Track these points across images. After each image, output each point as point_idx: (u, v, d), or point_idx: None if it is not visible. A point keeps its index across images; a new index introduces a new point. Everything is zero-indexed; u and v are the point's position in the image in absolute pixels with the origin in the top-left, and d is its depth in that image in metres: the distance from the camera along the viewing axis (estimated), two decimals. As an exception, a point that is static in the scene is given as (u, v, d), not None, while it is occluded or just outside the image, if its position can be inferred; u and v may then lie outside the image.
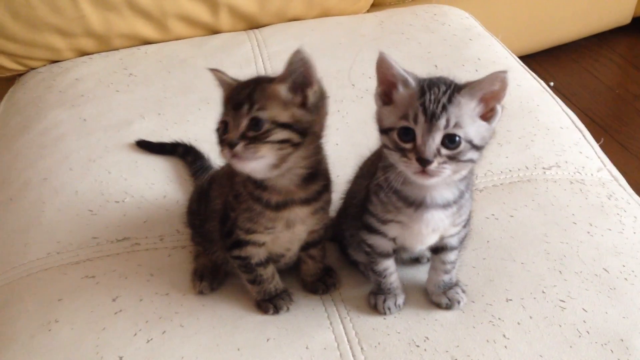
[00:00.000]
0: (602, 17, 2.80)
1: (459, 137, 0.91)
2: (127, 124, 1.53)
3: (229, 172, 1.08)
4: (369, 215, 1.06)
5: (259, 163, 0.97)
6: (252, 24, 1.95)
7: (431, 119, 0.91)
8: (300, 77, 0.98)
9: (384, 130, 0.96)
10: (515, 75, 1.75)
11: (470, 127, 0.92)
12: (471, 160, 0.94)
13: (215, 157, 1.29)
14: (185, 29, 1.87)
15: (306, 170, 1.03)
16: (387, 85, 0.96)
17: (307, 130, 0.99)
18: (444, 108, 0.91)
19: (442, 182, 0.96)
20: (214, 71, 1.05)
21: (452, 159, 0.92)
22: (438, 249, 1.10)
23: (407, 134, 0.92)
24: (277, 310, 1.12)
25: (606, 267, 1.18)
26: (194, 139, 1.47)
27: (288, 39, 1.86)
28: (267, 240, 1.08)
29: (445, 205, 1.00)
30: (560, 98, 1.72)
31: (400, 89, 0.95)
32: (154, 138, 1.48)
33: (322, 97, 1.01)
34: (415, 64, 1.80)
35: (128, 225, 1.29)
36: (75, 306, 1.13)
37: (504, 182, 1.39)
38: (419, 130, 0.91)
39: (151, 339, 1.07)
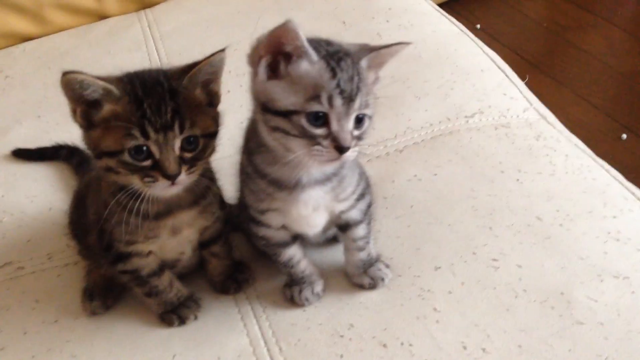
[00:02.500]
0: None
1: (367, 115, 0.82)
2: (2, 132, 1.37)
3: (97, 177, 0.93)
4: (249, 207, 0.94)
5: (189, 181, 0.87)
6: (144, 4, 1.77)
7: (348, 101, 0.79)
8: (211, 75, 0.87)
9: (280, 113, 0.80)
10: (429, 20, 1.63)
11: (371, 100, 0.83)
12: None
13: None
14: (66, 18, 1.70)
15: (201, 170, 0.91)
16: (277, 54, 0.80)
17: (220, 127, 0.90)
18: (358, 87, 0.79)
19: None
20: (70, 74, 0.83)
21: (359, 138, 0.82)
22: (343, 227, 0.98)
23: (318, 118, 0.79)
24: (182, 321, 0.99)
25: (539, 214, 1.08)
26: (79, 139, 1.30)
27: (182, 14, 1.71)
28: (153, 248, 0.95)
29: (324, 181, 0.88)
30: (488, 39, 1.61)
31: (304, 63, 0.79)
32: (33, 144, 1.32)
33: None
34: (322, 23, 1.68)
35: (8, 247, 1.14)
36: (-50, 351, 0.99)
37: (425, 138, 1.28)
38: (334, 115, 0.79)
39: (39, 377, 0.93)
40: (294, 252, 0.97)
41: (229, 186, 1.03)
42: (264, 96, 0.82)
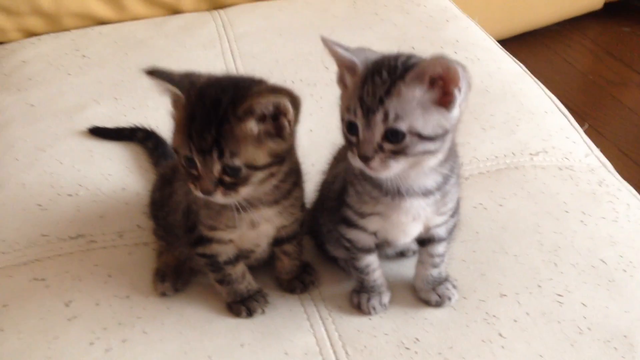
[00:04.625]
0: (574, 2, 2.76)
1: (402, 130, 0.81)
2: (80, 109, 1.40)
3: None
4: (346, 208, 0.96)
5: (237, 199, 0.89)
6: (216, 4, 1.82)
7: (367, 114, 0.81)
8: (269, 109, 0.87)
9: (342, 119, 0.87)
10: (495, 57, 1.67)
11: (418, 117, 0.81)
12: (428, 152, 0.83)
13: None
14: (143, 8, 1.74)
15: (281, 180, 0.94)
16: (342, 69, 0.87)
17: (285, 156, 0.91)
18: (381, 101, 0.81)
19: (410, 172, 0.86)
20: (150, 75, 0.89)
21: (399, 153, 0.82)
22: (425, 241, 1.00)
23: (351, 127, 0.84)
24: (250, 313, 1.01)
25: (603, 258, 1.10)
26: (155, 125, 1.34)
27: (255, 19, 1.75)
28: (233, 237, 0.98)
29: (426, 193, 0.91)
30: (533, 85, 1.64)
31: (347, 76, 0.85)
32: (110, 125, 1.35)
33: (296, 121, 0.90)
34: (391, 46, 1.72)
35: (82, 221, 1.16)
36: (22, 313, 1.01)
37: (490, 169, 1.31)
38: (360, 125, 0.83)
39: (110, 349, 0.95)
40: (372, 260, 1.00)
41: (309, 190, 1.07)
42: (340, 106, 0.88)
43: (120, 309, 1.01)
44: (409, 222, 0.93)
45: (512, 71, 1.62)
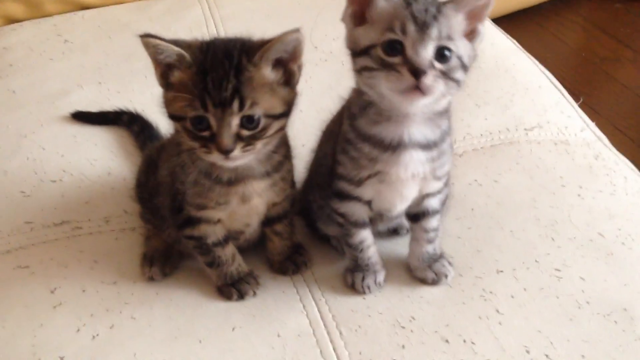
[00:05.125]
0: (566, -21, 2.72)
1: (451, 50, 0.82)
2: (64, 94, 1.37)
3: (175, 139, 0.93)
4: (339, 179, 0.94)
5: (249, 157, 0.87)
6: (202, -14, 1.78)
7: (422, 28, 0.80)
8: (285, 54, 0.86)
9: (361, 51, 0.84)
10: (487, 33, 1.63)
11: (460, 42, 0.83)
12: (459, 81, 0.84)
13: (165, 126, 1.14)
14: (126, -9, 1.70)
15: (274, 146, 0.92)
16: (359, 4, 0.86)
17: (293, 107, 0.90)
18: (435, 17, 0.81)
19: (426, 109, 0.86)
20: (147, 38, 0.84)
21: (444, 74, 0.82)
22: (419, 216, 0.98)
23: (393, 47, 0.81)
24: (241, 296, 0.99)
25: (601, 231, 1.08)
26: (140, 109, 1.31)
27: (242, 0, 1.71)
28: (222, 216, 0.95)
29: (425, 146, 0.90)
30: (528, 62, 1.61)
31: (381, 2, 0.84)
32: (94, 109, 1.32)
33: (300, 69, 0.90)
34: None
35: (67, 207, 1.14)
36: (7, 301, 0.98)
37: (484, 145, 1.28)
38: (408, 41, 0.81)
39: (97, 335, 0.93)
40: (366, 236, 0.98)
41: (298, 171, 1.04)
42: (352, 42, 0.87)
43: (107, 295, 0.98)
44: (407, 179, 0.91)
45: (505, 47, 1.60)
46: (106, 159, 1.23)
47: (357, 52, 0.85)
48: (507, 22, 2.63)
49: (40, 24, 1.61)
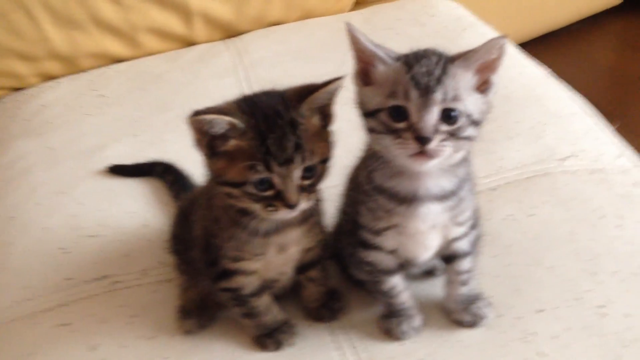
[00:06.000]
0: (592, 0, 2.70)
1: (459, 110, 0.81)
2: (100, 149, 1.40)
3: (207, 193, 0.94)
4: (361, 229, 0.94)
5: (313, 200, 0.90)
6: (230, 33, 1.82)
7: (426, 93, 0.79)
8: (327, 100, 0.88)
9: (370, 113, 0.85)
10: (515, 62, 1.63)
11: (469, 100, 0.82)
12: (470, 138, 0.83)
13: (199, 175, 1.15)
14: (157, 42, 1.75)
15: None
16: (365, 63, 0.86)
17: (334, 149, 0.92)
18: (439, 80, 0.80)
19: (438, 167, 0.85)
20: (198, 116, 0.83)
21: (452, 135, 0.81)
22: (450, 258, 0.97)
23: (398, 113, 0.81)
24: (278, 346, 0.98)
25: (644, 263, 1.05)
26: (175, 158, 1.33)
27: (270, 44, 1.74)
28: (258, 267, 0.95)
29: (442, 197, 0.88)
30: (559, 86, 1.60)
31: (379, 66, 0.84)
32: (129, 162, 1.35)
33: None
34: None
35: (106, 261, 1.16)
36: (49, 360, 1.00)
37: (518, 178, 1.26)
38: (412, 107, 0.80)
39: (138, 391, 0.93)
40: (397, 282, 0.97)
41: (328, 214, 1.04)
42: (360, 102, 0.87)
43: (146, 350, 0.99)
44: (427, 231, 0.90)
45: (534, 75, 1.58)
46: (143, 210, 1.26)
47: (365, 113, 0.85)
48: (536, 45, 2.62)
49: (76, 79, 1.66)
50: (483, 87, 0.84)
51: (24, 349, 1.02)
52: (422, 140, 0.79)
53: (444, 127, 0.81)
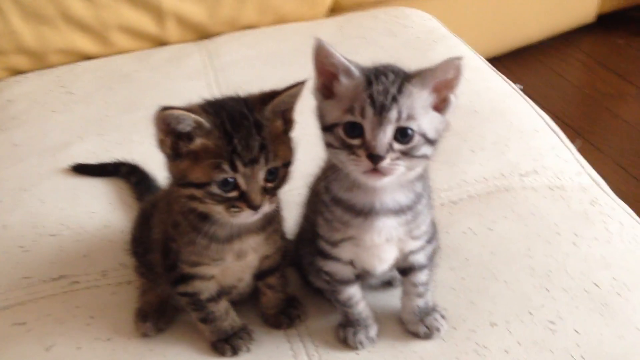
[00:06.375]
0: (567, 16, 2.75)
1: (412, 130, 0.82)
2: (65, 147, 1.39)
3: (167, 197, 0.95)
4: (319, 239, 0.95)
5: (270, 210, 0.90)
6: (202, 34, 1.82)
7: (381, 112, 0.80)
8: (290, 105, 0.90)
9: (327, 127, 0.85)
10: (484, 76, 1.66)
11: (424, 119, 0.83)
12: (425, 156, 0.84)
13: (162, 177, 1.15)
14: (128, 41, 1.74)
15: None
16: (327, 76, 0.86)
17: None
18: (394, 99, 0.81)
19: (394, 182, 0.86)
20: (166, 111, 0.83)
21: (406, 154, 0.82)
22: (406, 270, 0.98)
23: (354, 129, 0.82)
24: (235, 352, 0.99)
25: (596, 281, 1.07)
26: (140, 160, 1.33)
27: (241, 48, 1.75)
28: (216, 272, 0.95)
29: (398, 211, 0.89)
30: (529, 101, 1.63)
31: (343, 79, 0.84)
32: (94, 161, 1.34)
33: None
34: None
35: (65, 261, 1.15)
36: None
37: (479, 192, 1.28)
38: (367, 125, 0.81)
39: (90, 394, 0.93)
40: (354, 292, 0.98)
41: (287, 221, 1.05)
42: (319, 115, 0.88)
43: (102, 353, 0.99)
44: (382, 244, 0.91)
45: (500, 90, 1.61)
46: (105, 211, 1.25)
47: (323, 127, 0.86)
48: (508, 59, 2.66)
49: (44, 75, 1.65)
50: (441, 105, 0.85)
51: (-24, 347, 1.01)
52: (375, 158, 0.80)
53: (398, 146, 0.82)
